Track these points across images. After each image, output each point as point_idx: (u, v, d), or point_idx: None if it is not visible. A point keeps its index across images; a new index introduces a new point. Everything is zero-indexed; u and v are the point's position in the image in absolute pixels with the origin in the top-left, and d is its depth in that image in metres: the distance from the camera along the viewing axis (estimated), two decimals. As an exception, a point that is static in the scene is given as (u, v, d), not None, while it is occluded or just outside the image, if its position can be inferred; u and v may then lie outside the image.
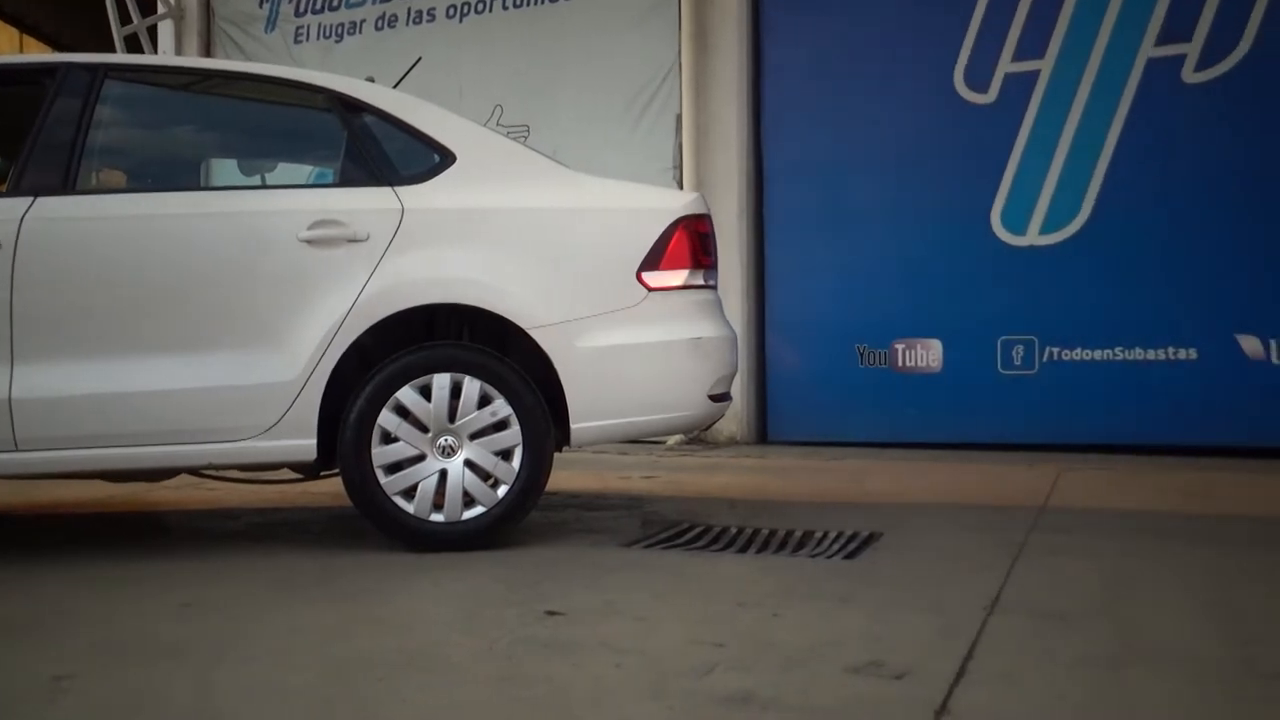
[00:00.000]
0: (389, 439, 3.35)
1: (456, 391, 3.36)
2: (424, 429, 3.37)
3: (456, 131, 3.63)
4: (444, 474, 3.36)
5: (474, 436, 3.38)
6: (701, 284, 3.64)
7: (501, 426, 3.38)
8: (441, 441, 3.37)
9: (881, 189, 6.75)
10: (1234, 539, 3.58)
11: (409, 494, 3.35)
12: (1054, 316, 6.34)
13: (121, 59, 4.14)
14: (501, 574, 3.09)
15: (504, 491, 3.38)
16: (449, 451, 3.37)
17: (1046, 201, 6.38)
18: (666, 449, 6.77)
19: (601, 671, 2.16)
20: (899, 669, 2.14)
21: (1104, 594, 2.81)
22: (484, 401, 3.37)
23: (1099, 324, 6.24)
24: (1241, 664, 2.20)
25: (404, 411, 3.36)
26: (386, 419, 3.34)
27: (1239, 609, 2.67)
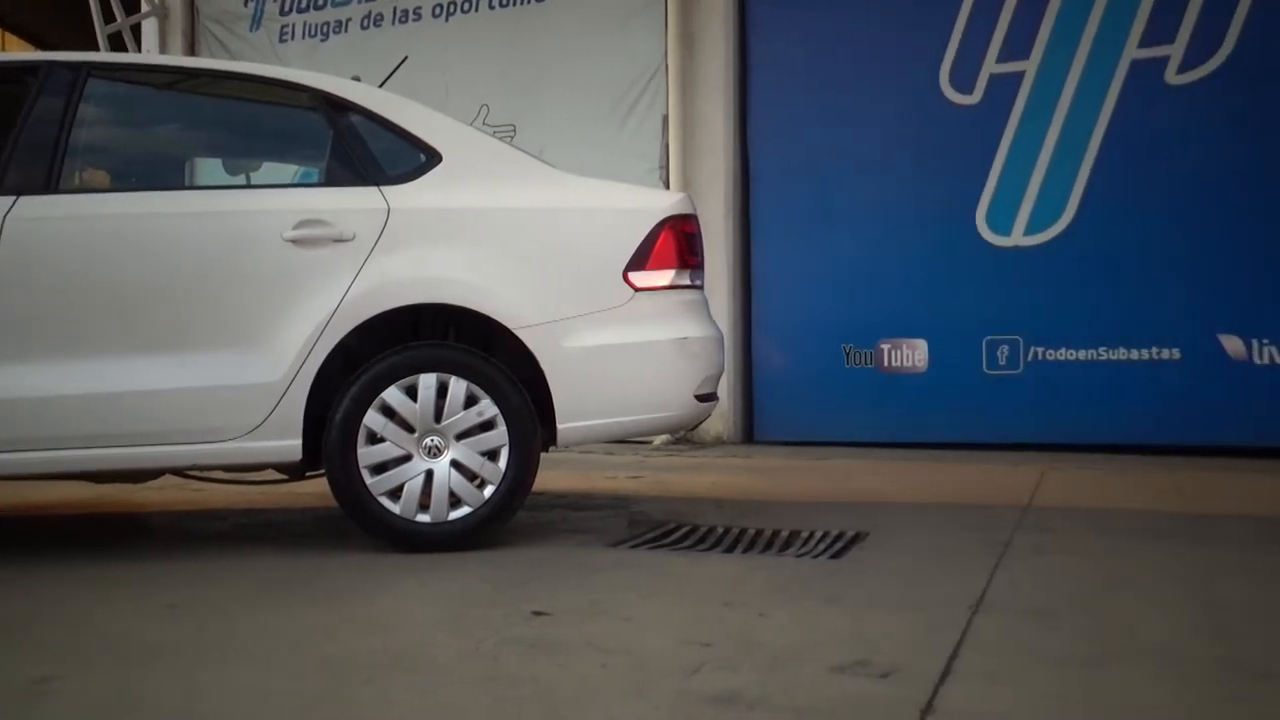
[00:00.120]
0: (375, 439, 3.34)
1: (443, 392, 3.36)
2: (410, 429, 3.36)
3: (443, 131, 3.63)
4: (430, 474, 3.35)
5: (460, 437, 3.37)
6: (688, 284, 3.64)
7: (488, 427, 3.37)
8: (428, 442, 3.36)
9: (867, 189, 6.76)
10: (1217, 537, 3.60)
11: (395, 494, 3.35)
12: (1038, 316, 6.37)
13: (105, 57, 4.11)
14: (488, 574, 3.09)
15: (490, 492, 3.38)
16: (435, 452, 3.36)
17: (1031, 202, 6.41)
18: (653, 449, 6.77)
19: (588, 671, 2.16)
20: (885, 668, 2.14)
21: (1088, 592, 2.82)
22: (470, 402, 3.37)
23: (1083, 324, 6.28)
24: (1225, 662, 2.21)
25: (390, 412, 3.35)
26: (372, 419, 3.33)
27: (1222, 607, 2.68)
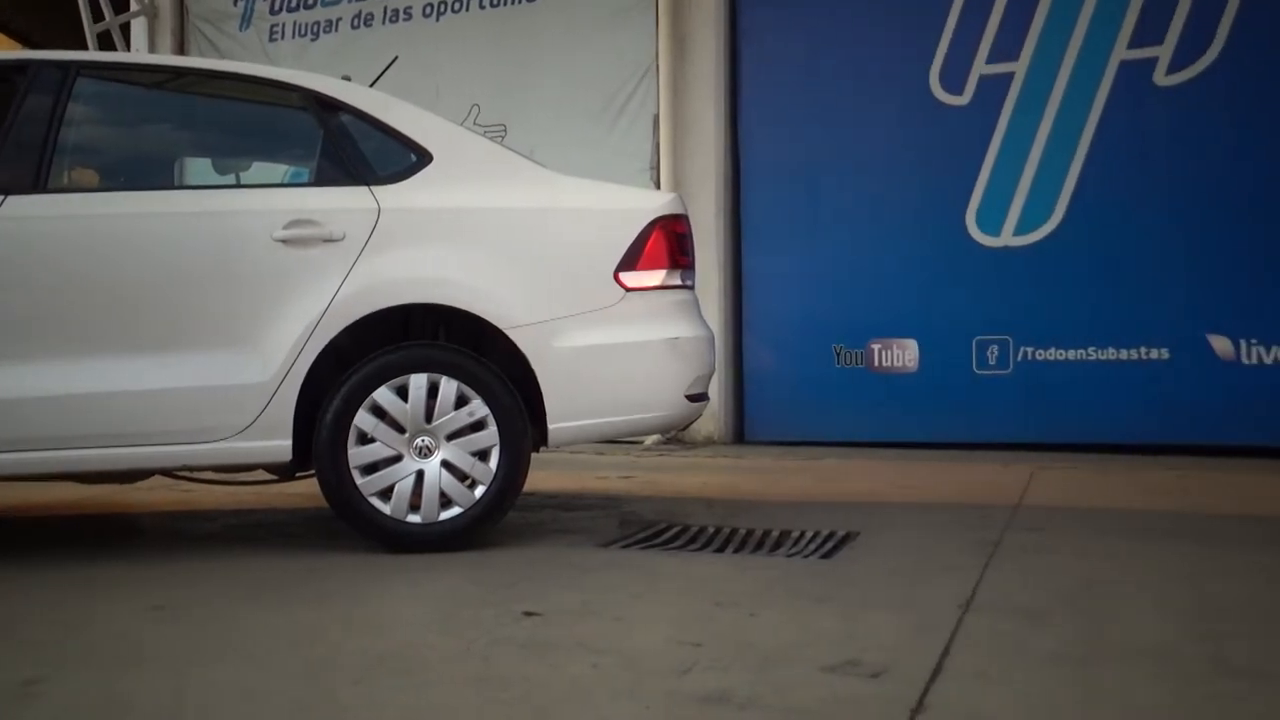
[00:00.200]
0: (365, 440, 3.33)
1: (433, 392, 3.35)
2: (401, 429, 3.35)
3: (433, 131, 3.62)
4: (421, 475, 3.34)
5: (451, 437, 3.37)
6: (679, 284, 3.64)
7: (479, 427, 3.37)
8: (418, 442, 3.36)
9: (858, 190, 6.78)
10: (1205, 536, 3.62)
11: (385, 495, 3.34)
12: (1028, 317, 6.39)
13: (94, 56, 4.09)
14: (478, 575, 3.09)
15: (481, 492, 3.38)
16: (426, 452, 3.36)
17: (1021, 203, 6.42)
18: (644, 449, 6.77)
19: (579, 672, 2.16)
20: (875, 668, 2.15)
21: (1078, 591, 2.83)
22: (461, 402, 3.37)
23: (1072, 324, 6.30)
24: (1213, 660, 2.22)
25: (380, 412, 3.34)
26: (363, 419, 3.33)
27: (1211, 606, 2.69)
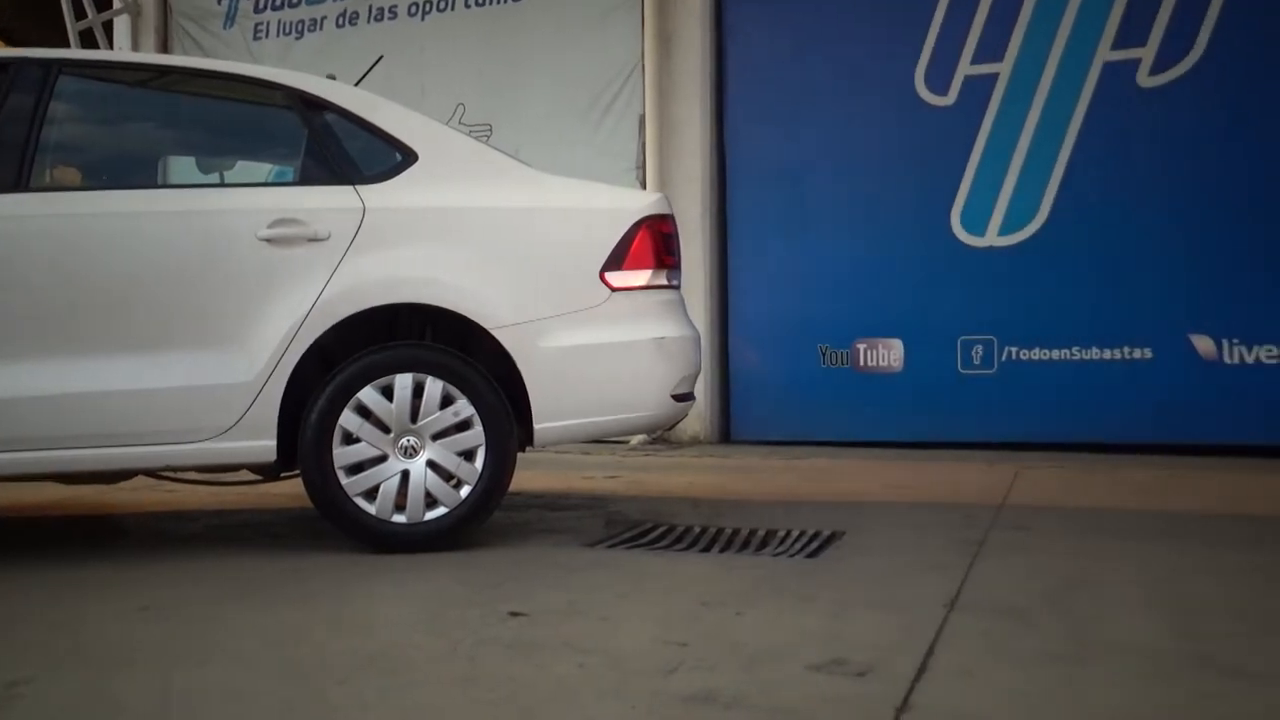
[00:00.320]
0: (350, 440, 3.32)
1: (419, 392, 3.35)
2: (386, 429, 3.34)
3: (418, 130, 3.61)
4: (406, 475, 3.34)
5: (436, 437, 3.36)
6: (665, 284, 3.64)
7: (464, 427, 3.36)
8: (404, 442, 3.35)
9: (843, 189, 6.78)
10: (1188, 535, 3.64)
11: (370, 495, 3.33)
12: (1012, 317, 6.41)
13: (76, 54, 4.06)
14: (464, 575, 3.08)
15: (467, 492, 3.37)
16: (411, 452, 3.35)
17: (1005, 203, 6.45)
18: (630, 449, 6.77)
19: (565, 672, 2.16)
20: (861, 667, 2.15)
21: (1062, 590, 2.84)
22: (446, 402, 3.36)
23: (1056, 324, 6.32)
24: (1196, 658, 2.24)
25: (366, 412, 3.33)
26: (348, 419, 3.32)
27: (1194, 604, 2.71)
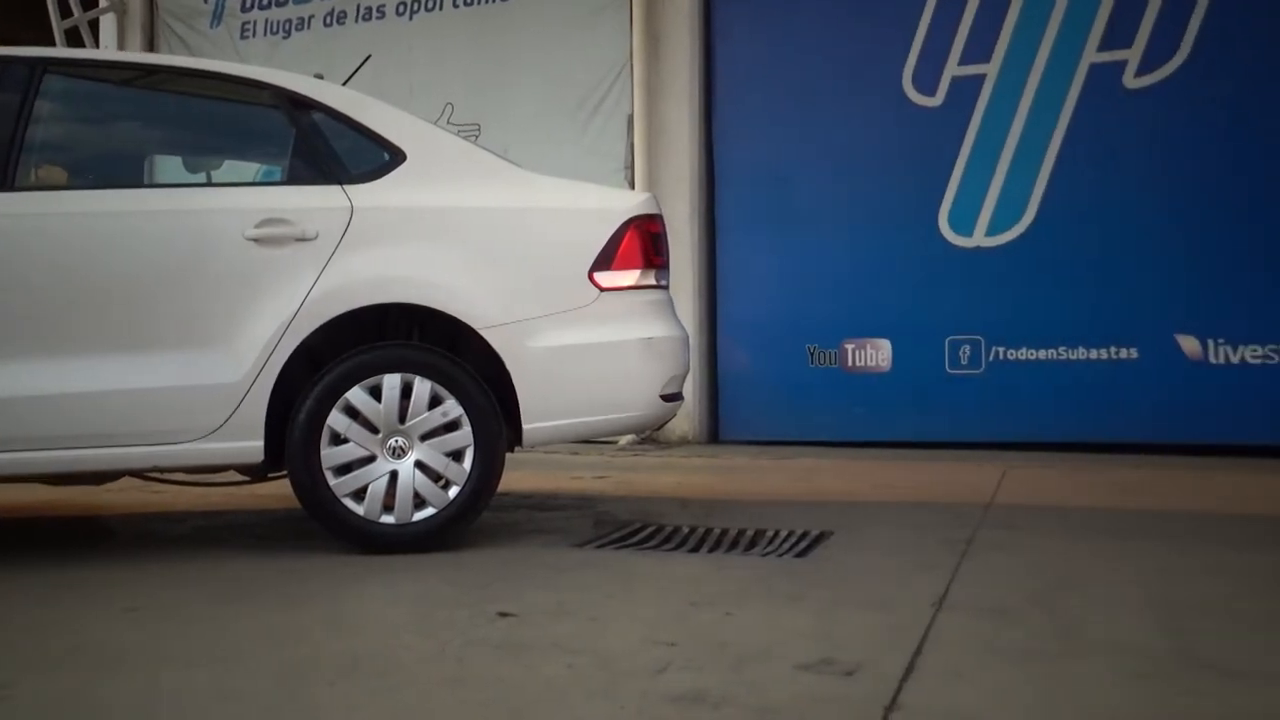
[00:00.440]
0: (338, 440, 3.32)
1: (407, 392, 3.34)
2: (374, 430, 3.34)
3: (407, 130, 3.61)
4: (394, 475, 3.33)
5: (425, 437, 3.35)
6: (653, 284, 3.64)
7: (452, 427, 3.36)
8: (392, 442, 3.34)
9: (831, 190, 6.80)
10: (1173, 534, 3.66)
11: (359, 496, 3.32)
12: (1000, 317, 6.43)
13: (62, 53, 4.05)
14: (453, 575, 3.08)
15: (455, 492, 3.36)
16: (399, 452, 3.34)
17: (992, 203, 6.47)
18: (618, 449, 6.77)
19: (553, 672, 2.16)
20: (849, 666, 2.16)
21: (1049, 589, 2.85)
22: (435, 402, 3.35)
23: (1043, 324, 6.35)
24: (1181, 655, 2.25)
25: (354, 412, 3.32)
26: (336, 420, 3.31)
27: (1178, 602, 2.72)
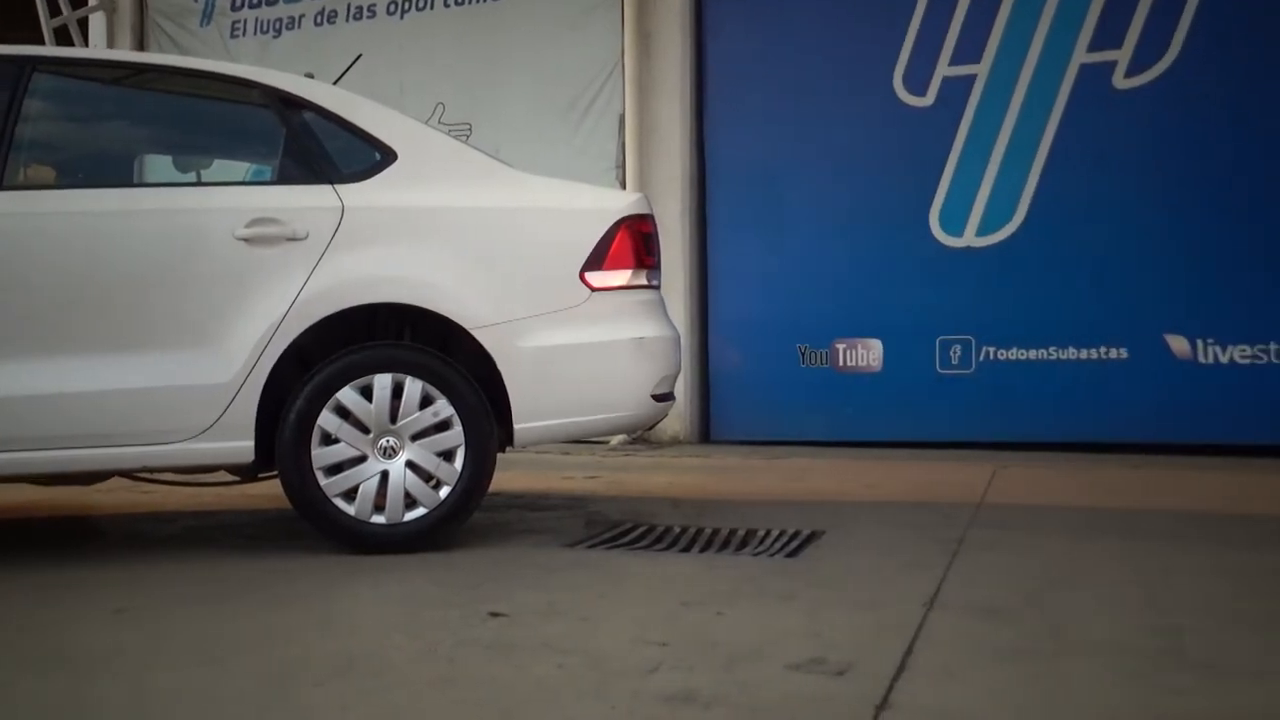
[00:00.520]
0: (329, 440, 3.31)
1: (398, 392, 3.33)
2: (365, 430, 3.33)
3: (398, 129, 3.60)
4: (385, 475, 3.32)
5: (416, 437, 3.35)
6: (645, 284, 3.65)
7: (444, 427, 3.35)
8: (383, 442, 3.34)
9: (823, 190, 6.81)
10: (1162, 533, 3.67)
11: (349, 496, 3.32)
12: (990, 317, 6.45)
13: (51, 52, 4.05)
14: (444, 576, 3.07)
15: (446, 493, 3.36)
16: (390, 452, 3.34)
17: (983, 204, 6.49)
18: (610, 449, 6.77)
19: (544, 672, 2.16)
20: (840, 665, 2.16)
21: (1040, 588, 2.86)
22: (426, 402, 3.35)
23: (1033, 324, 6.37)
24: (1171, 654, 2.26)
25: (344, 412, 3.32)
26: (326, 420, 3.30)
27: (1169, 601, 2.73)
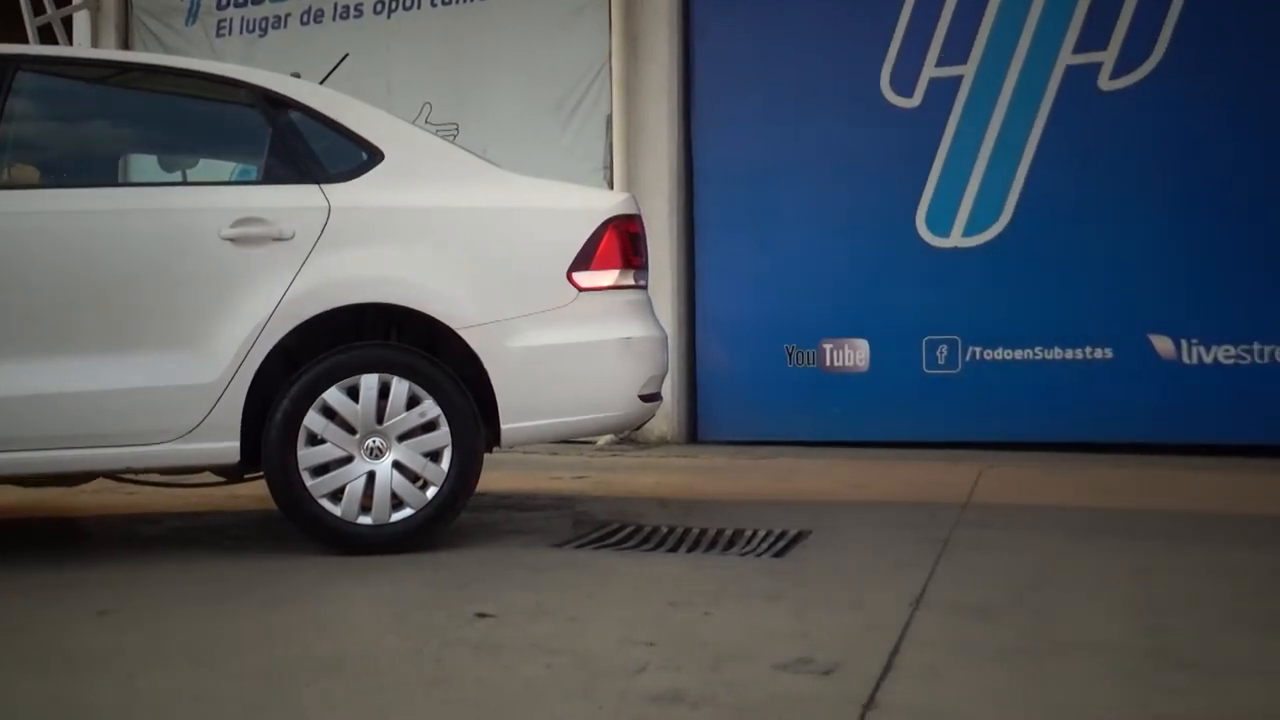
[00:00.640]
0: (315, 440, 3.30)
1: (385, 392, 3.33)
2: (351, 430, 3.32)
3: (385, 129, 3.60)
4: (372, 476, 3.32)
5: (402, 438, 3.34)
6: (632, 284, 3.65)
7: (430, 427, 3.35)
8: (369, 443, 3.33)
9: (810, 190, 6.82)
10: (1147, 532, 3.69)
11: (336, 496, 3.31)
12: (976, 317, 6.47)
13: (35, 50, 4.03)
14: (431, 576, 3.07)
15: (433, 493, 3.35)
16: (377, 453, 3.33)
17: (969, 204, 6.51)
18: (597, 449, 6.77)
19: (532, 673, 2.16)
20: (827, 665, 2.17)
21: (1024, 588, 2.88)
22: (412, 402, 3.34)
23: (1019, 324, 6.39)
24: (1155, 654, 2.27)
25: (331, 413, 3.31)
26: (313, 420, 3.29)
27: (1156, 601, 2.75)
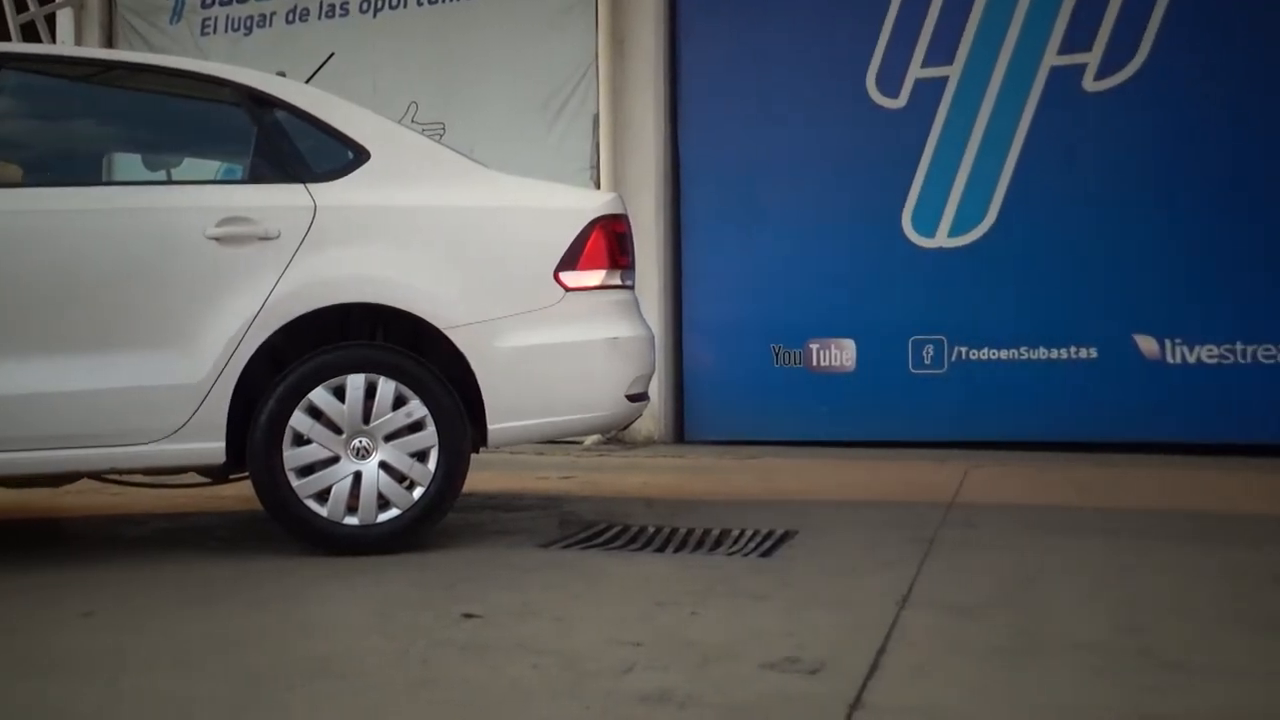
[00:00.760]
0: (301, 441, 3.29)
1: (371, 392, 3.32)
2: (337, 430, 3.31)
3: (371, 128, 3.59)
4: (358, 476, 3.31)
5: (389, 438, 3.33)
6: (619, 284, 3.65)
7: (417, 428, 3.34)
8: (356, 443, 3.32)
9: (796, 191, 6.84)
10: (1132, 531, 3.71)
11: (322, 497, 3.30)
12: (962, 317, 6.50)
13: (17, 48, 4.00)
14: (417, 577, 3.06)
15: (420, 493, 3.35)
16: (363, 453, 3.32)
17: (955, 205, 6.53)
18: (584, 449, 6.77)
19: (519, 673, 2.15)
20: (814, 664, 2.17)
21: (1010, 587, 2.89)
22: (399, 402, 3.33)
23: (1004, 324, 6.42)
24: (1140, 653, 2.28)
25: (317, 413, 3.30)
26: (299, 420, 3.28)
27: (1142, 600, 2.76)
